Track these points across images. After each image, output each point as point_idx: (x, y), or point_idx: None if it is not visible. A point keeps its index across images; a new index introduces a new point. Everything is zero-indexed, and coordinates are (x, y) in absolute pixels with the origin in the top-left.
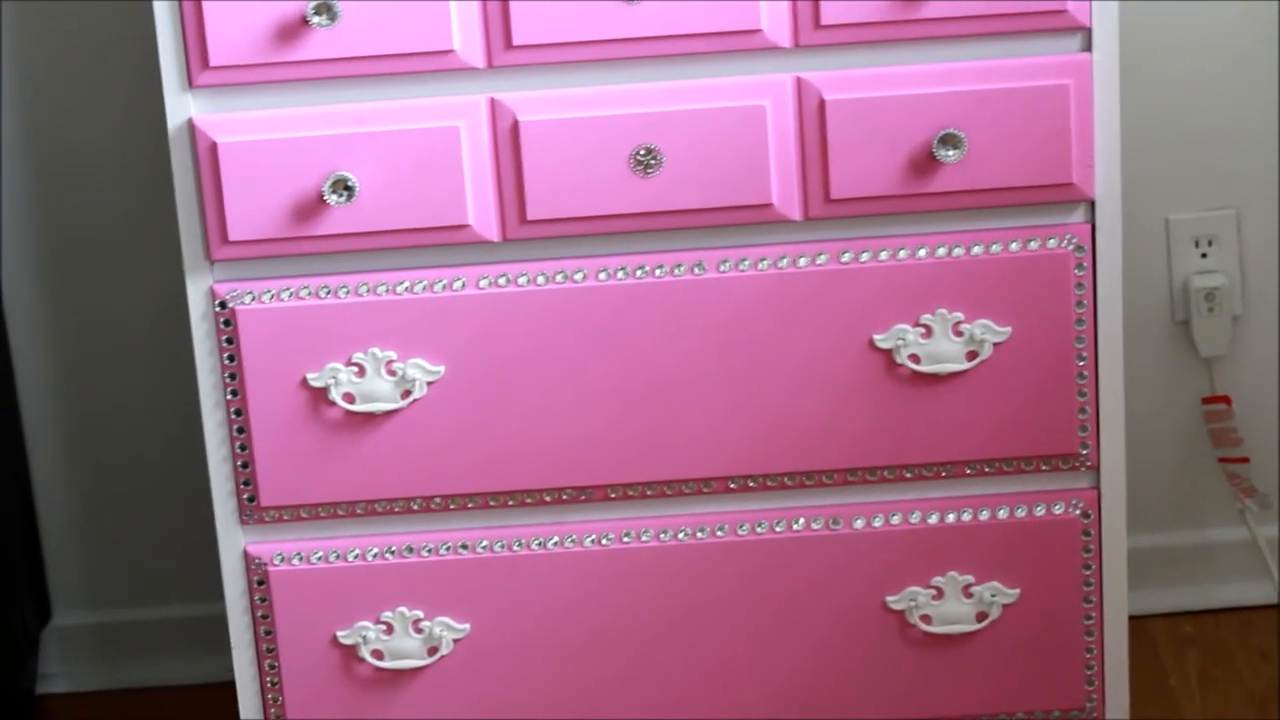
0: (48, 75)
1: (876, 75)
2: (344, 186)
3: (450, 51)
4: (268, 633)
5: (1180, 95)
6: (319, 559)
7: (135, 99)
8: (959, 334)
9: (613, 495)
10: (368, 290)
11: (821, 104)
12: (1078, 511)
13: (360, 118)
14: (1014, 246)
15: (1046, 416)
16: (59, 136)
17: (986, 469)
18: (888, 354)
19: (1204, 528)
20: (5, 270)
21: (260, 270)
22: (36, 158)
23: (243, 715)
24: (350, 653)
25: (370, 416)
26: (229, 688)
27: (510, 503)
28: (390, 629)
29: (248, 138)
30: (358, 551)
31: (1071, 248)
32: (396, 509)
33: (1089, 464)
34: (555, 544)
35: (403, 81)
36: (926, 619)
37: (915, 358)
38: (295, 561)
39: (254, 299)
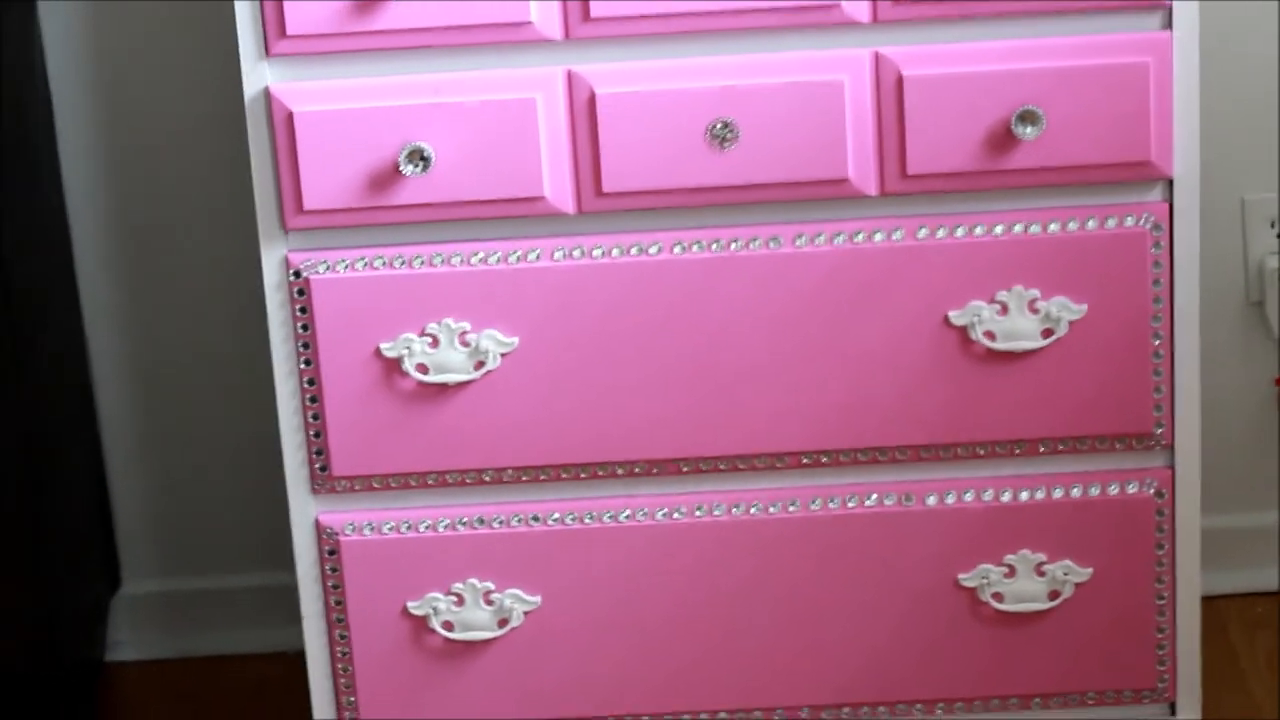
0: (122, 47)
1: (955, 51)
2: (420, 157)
3: (528, 23)
4: (338, 603)
5: (1259, 74)
6: (390, 529)
7: (212, 69)
8: (1034, 311)
9: (685, 469)
10: (442, 261)
11: (899, 79)
12: (1151, 491)
13: (437, 88)
14: (1091, 224)
15: (1121, 395)
16: (133, 110)
17: (1060, 447)
18: (963, 331)
19: (1277, 508)
20: (77, 239)
21: (335, 240)
22: (111, 126)
23: (312, 685)
24: (420, 624)
25: (443, 387)
26: (298, 657)
27: (582, 475)
28: (461, 600)
29: (324, 107)
30: (429, 522)
31: (1149, 226)
32: (468, 480)
33: (1163, 443)
34: (627, 517)
35: (480, 52)
36: (999, 597)
37: (990, 335)
38: (366, 532)
39: (328, 269)
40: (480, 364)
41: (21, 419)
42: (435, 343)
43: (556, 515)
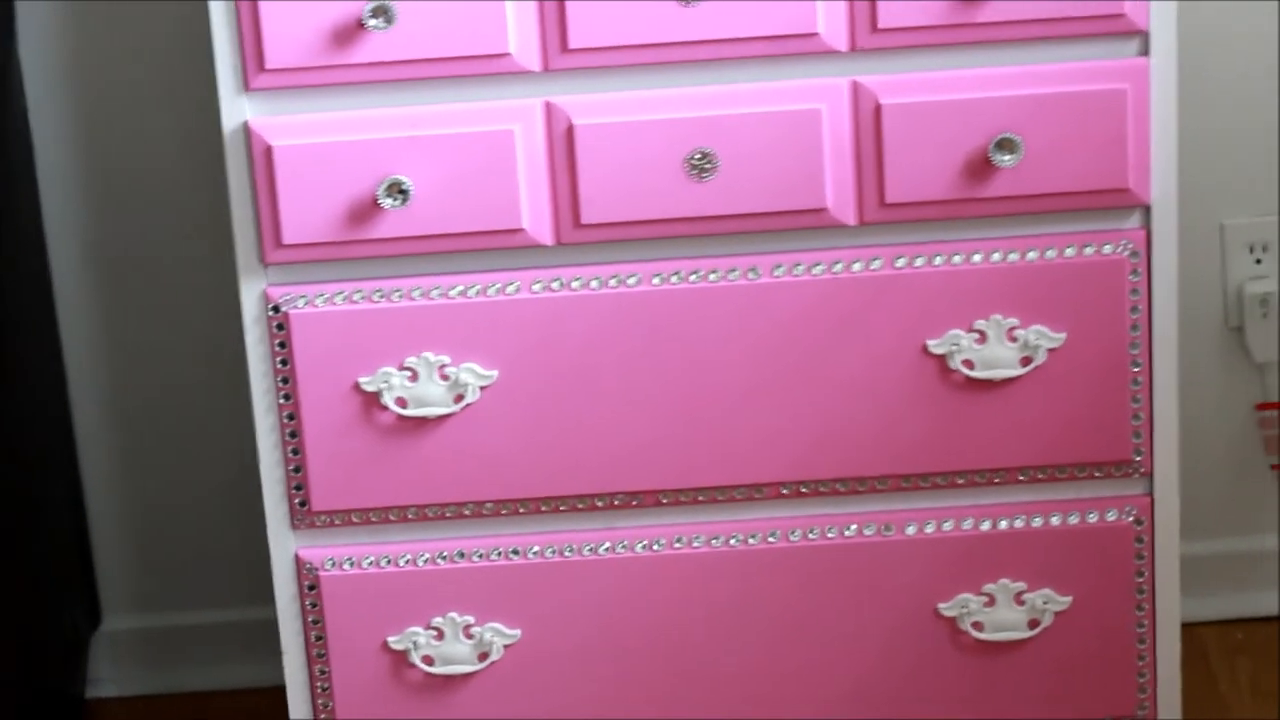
0: (102, 78)
1: (933, 79)
2: (399, 190)
3: (506, 54)
4: (318, 638)
5: (1236, 100)
6: (370, 564)
7: (190, 102)
8: (1013, 340)
9: (664, 501)
10: (421, 294)
11: (878, 108)
12: (1131, 518)
13: (416, 121)
14: (1069, 252)
15: (1100, 422)
16: (113, 141)
17: (1039, 475)
18: (941, 360)
19: (1256, 535)
20: (57, 271)
21: (314, 274)
22: (90, 161)
23: None
24: (400, 658)
25: (422, 421)
26: (279, 692)
27: (562, 508)
28: (441, 634)
29: (303, 141)
30: (409, 556)
31: (1127, 253)
32: (448, 514)
33: (1142, 470)
34: (606, 549)
35: (458, 84)
36: (978, 626)
37: (969, 363)
38: (346, 566)
39: (307, 303)
40: (459, 397)
41: None
42: (414, 376)
43: (536, 548)
